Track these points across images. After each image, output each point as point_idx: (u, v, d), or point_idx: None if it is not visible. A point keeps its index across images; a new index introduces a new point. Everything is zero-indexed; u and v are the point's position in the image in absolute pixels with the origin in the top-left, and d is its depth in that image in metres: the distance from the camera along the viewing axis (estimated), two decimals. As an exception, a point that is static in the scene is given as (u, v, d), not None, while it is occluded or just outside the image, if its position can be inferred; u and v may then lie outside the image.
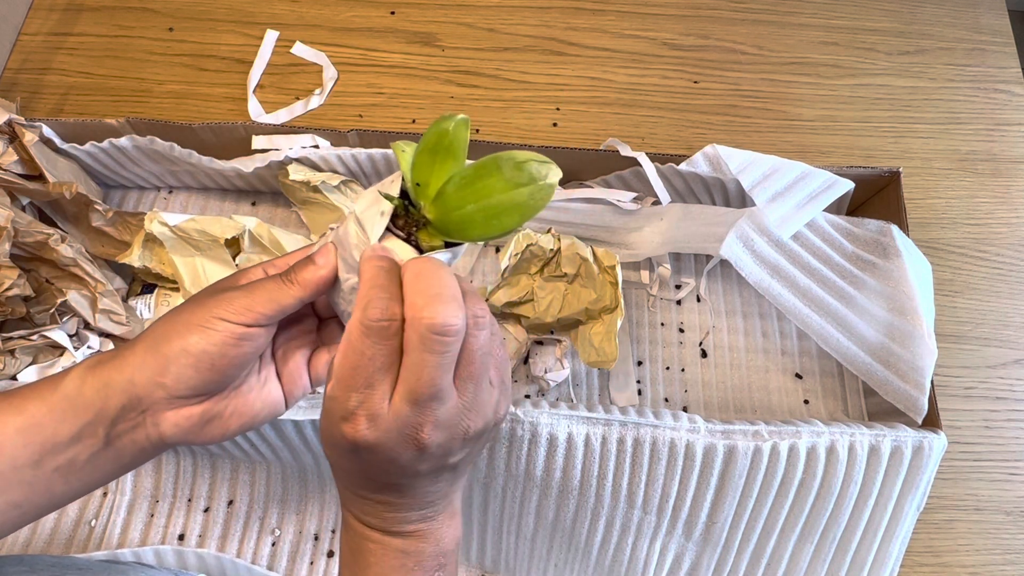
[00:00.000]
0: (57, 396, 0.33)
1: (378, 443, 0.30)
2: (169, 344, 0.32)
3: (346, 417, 0.30)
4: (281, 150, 0.66)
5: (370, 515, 0.34)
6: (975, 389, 0.68)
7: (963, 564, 0.63)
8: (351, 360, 0.30)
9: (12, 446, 0.32)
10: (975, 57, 0.84)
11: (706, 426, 0.53)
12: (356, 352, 0.30)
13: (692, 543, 0.56)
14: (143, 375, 0.32)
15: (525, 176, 0.29)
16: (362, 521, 0.35)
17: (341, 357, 0.30)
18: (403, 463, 0.31)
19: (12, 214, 0.59)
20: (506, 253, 0.62)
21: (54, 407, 0.32)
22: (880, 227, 0.64)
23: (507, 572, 0.61)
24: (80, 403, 0.32)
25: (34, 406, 0.32)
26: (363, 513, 0.34)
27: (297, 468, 0.60)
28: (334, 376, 0.30)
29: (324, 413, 0.32)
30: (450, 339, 0.29)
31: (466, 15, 0.84)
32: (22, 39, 0.82)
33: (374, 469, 0.32)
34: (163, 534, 0.61)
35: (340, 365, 0.30)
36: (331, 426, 0.31)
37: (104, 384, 0.33)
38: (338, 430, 0.30)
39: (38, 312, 0.62)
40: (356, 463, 0.32)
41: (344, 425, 0.30)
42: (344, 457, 0.32)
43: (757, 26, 0.85)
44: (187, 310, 0.33)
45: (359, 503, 0.34)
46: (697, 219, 0.65)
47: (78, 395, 0.33)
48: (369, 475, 0.32)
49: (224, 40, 0.82)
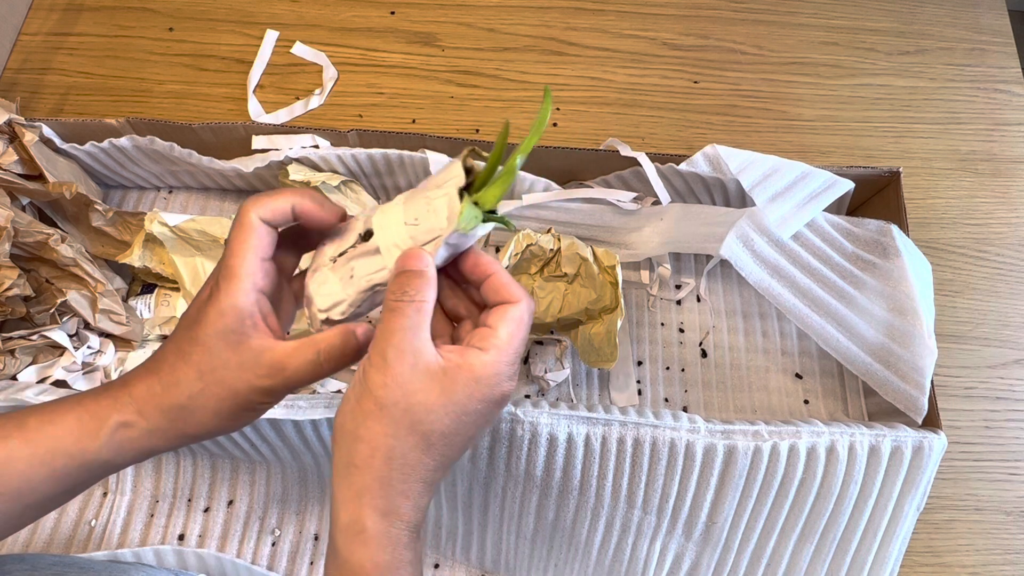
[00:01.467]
0: (91, 459, 0.34)
1: (511, 393, 0.35)
2: (208, 429, 0.35)
3: (510, 376, 0.34)
4: (281, 150, 0.66)
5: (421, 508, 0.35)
6: (975, 389, 0.68)
7: (963, 564, 0.63)
8: (522, 334, 0.35)
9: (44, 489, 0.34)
10: (975, 57, 0.84)
11: (706, 426, 0.53)
12: (525, 328, 0.35)
13: (692, 543, 0.56)
14: (187, 442, 0.35)
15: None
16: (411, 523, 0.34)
17: (516, 332, 0.34)
18: (504, 408, 0.37)
19: (12, 214, 0.59)
20: (506, 253, 0.62)
21: (89, 466, 0.34)
22: (880, 227, 0.64)
23: (507, 572, 0.61)
24: (117, 463, 0.35)
25: (65, 462, 0.34)
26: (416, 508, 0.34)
27: (297, 468, 0.60)
28: (498, 343, 0.34)
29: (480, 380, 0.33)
30: None
31: (466, 15, 0.84)
32: (22, 39, 0.82)
33: (486, 425, 0.35)
34: (163, 534, 0.61)
35: (514, 337, 0.34)
36: (491, 388, 0.33)
37: (145, 453, 0.35)
38: (500, 389, 0.34)
39: (38, 312, 0.62)
40: (483, 423, 0.35)
41: (507, 383, 0.34)
42: (476, 420, 0.34)
43: (757, 26, 0.85)
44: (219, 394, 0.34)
45: (421, 492, 0.34)
46: (697, 219, 0.65)
47: (116, 458, 0.35)
48: (474, 436, 0.35)
49: (224, 40, 0.82)
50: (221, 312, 0.34)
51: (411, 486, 0.33)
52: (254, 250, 0.34)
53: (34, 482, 0.33)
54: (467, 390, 0.33)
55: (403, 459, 0.33)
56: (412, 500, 0.34)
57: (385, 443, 0.33)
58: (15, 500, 0.33)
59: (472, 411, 0.33)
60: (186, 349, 0.34)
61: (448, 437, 0.33)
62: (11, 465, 0.33)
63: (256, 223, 0.35)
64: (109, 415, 0.34)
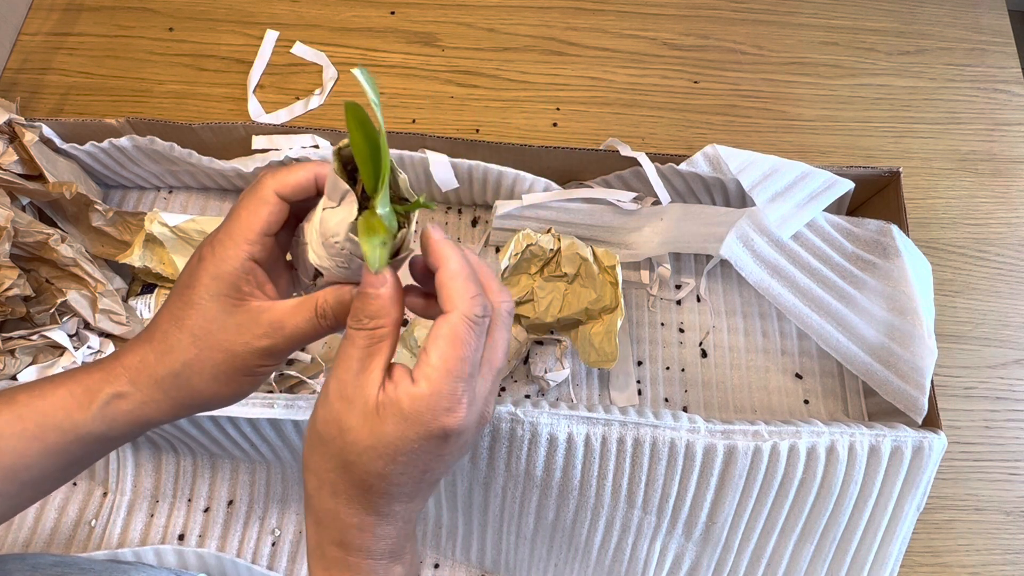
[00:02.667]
0: (84, 432, 0.33)
1: (467, 427, 0.31)
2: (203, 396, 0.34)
3: (451, 408, 0.30)
4: (281, 150, 0.66)
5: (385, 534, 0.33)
6: (975, 389, 0.68)
7: (963, 564, 0.63)
8: (459, 353, 0.30)
9: (40, 465, 0.33)
10: (975, 57, 0.84)
11: (706, 426, 0.53)
12: (464, 345, 0.30)
13: (692, 543, 0.56)
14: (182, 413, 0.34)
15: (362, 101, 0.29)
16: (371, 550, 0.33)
17: (450, 352, 0.30)
18: (465, 440, 0.32)
19: (12, 214, 0.59)
20: (506, 253, 0.62)
21: (82, 440, 0.34)
22: (880, 227, 0.64)
23: (507, 572, 0.61)
24: (111, 437, 0.34)
25: (57, 436, 0.33)
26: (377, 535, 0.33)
27: (297, 468, 0.60)
28: (429, 371, 0.30)
29: (406, 416, 0.30)
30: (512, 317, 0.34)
31: (466, 15, 0.84)
32: (22, 39, 0.82)
33: (441, 462, 0.32)
34: (163, 534, 0.61)
35: (442, 358, 0.30)
36: (422, 425, 0.30)
37: (138, 425, 0.34)
38: (437, 424, 0.30)
39: (38, 312, 0.62)
40: (428, 459, 0.31)
41: (448, 417, 0.30)
42: (418, 455, 0.31)
43: (757, 26, 0.85)
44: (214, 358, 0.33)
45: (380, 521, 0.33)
46: (697, 219, 0.65)
47: (109, 431, 0.34)
48: (428, 471, 0.32)
49: (224, 40, 0.82)
50: (215, 275, 0.32)
51: (364, 519, 0.32)
52: (259, 222, 0.33)
53: (28, 458, 0.33)
54: (397, 430, 0.30)
55: (347, 495, 0.32)
56: (368, 531, 0.32)
57: (328, 478, 0.32)
58: (10, 478, 0.33)
59: (408, 451, 0.30)
60: (179, 314, 0.33)
61: (387, 477, 0.31)
62: (3, 441, 0.32)
63: (270, 198, 0.33)
64: (101, 387, 0.33)
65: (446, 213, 0.73)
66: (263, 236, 0.33)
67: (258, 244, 0.33)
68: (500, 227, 0.68)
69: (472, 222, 0.73)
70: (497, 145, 0.65)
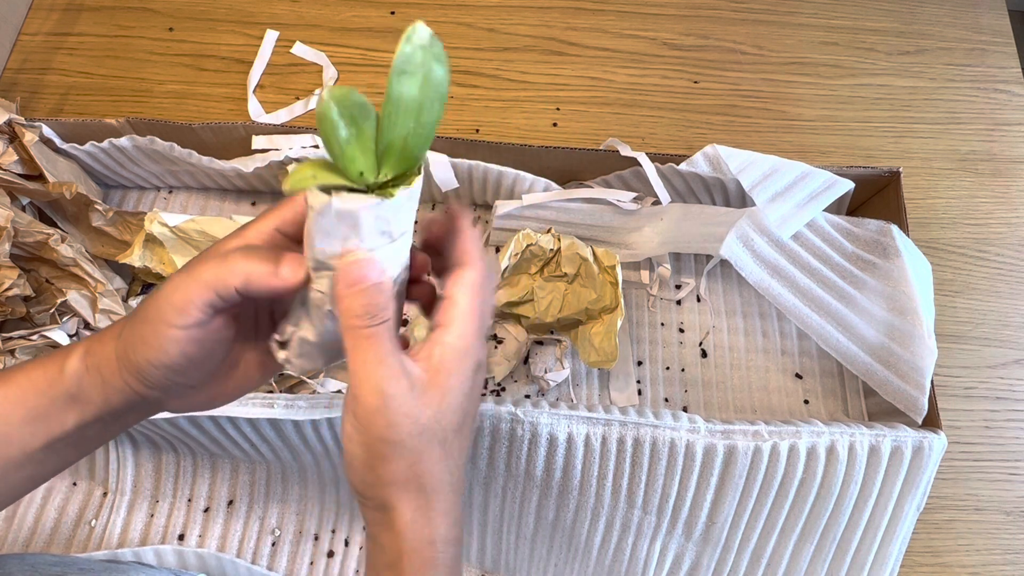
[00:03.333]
0: (58, 391, 0.33)
1: (485, 355, 0.35)
2: (136, 355, 0.32)
3: (481, 345, 0.33)
4: (281, 150, 0.66)
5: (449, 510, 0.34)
6: (975, 389, 0.68)
7: (963, 564, 0.63)
8: (479, 303, 0.33)
9: (20, 435, 0.33)
10: (975, 57, 0.84)
11: (706, 426, 0.53)
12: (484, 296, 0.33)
13: (692, 543, 0.56)
14: (132, 380, 0.32)
15: (416, 56, 0.28)
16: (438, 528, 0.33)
17: (475, 303, 0.33)
18: (483, 377, 0.36)
19: (12, 214, 0.59)
20: (506, 253, 0.62)
21: (56, 400, 0.33)
22: (880, 227, 0.64)
23: (507, 572, 0.61)
24: (82, 399, 0.33)
25: (36, 399, 0.33)
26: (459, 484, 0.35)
27: (297, 468, 0.60)
28: (468, 316, 0.32)
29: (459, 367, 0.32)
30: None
31: (466, 15, 0.84)
32: (22, 39, 0.82)
33: (476, 392, 0.34)
34: (163, 534, 0.61)
35: (473, 303, 0.33)
36: (468, 364, 0.33)
37: (102, 381, 0.33)
38: (473, 360, 0.33)
39: (38, 312, 0.62)
40: (475, 393, 0.34)
41: (481, 352, 0.33)
42: (472, 395, 0.33)
43: (757, 26, 0.85)
44: (150, 307, 0.31)
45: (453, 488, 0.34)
46: (697, 219, 0.65)
47: (79, 392, 0.33)
48: (469, 413, 0.34)
49: (224, 40, 0.82)
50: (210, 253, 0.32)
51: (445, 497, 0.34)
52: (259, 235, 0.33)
53: (12, 423, 0.32)
54: (454, 382, 0.32)
55: (441, 466, 0.33)
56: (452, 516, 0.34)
57: (413, 471, 0.32)
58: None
59: (465, 393, 0.33)
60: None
61: (462, 431, 0.34)
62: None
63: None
64: (74, 350, 0.33)
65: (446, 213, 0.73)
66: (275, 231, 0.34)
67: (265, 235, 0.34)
68: (500, 227, 0.68)
69: (472, 222, 0.73)
70: (497, 145, 0.65)
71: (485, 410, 0.52)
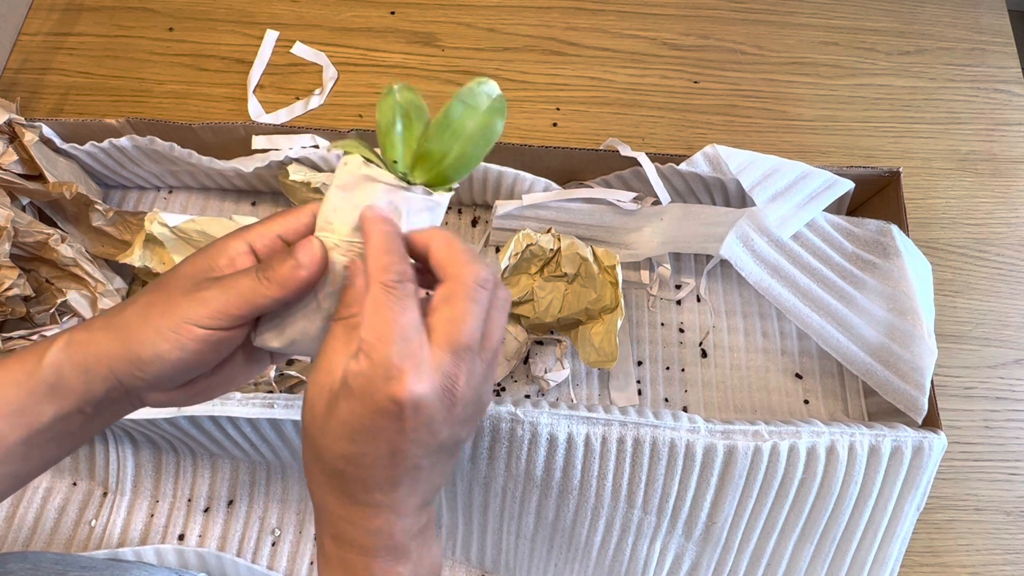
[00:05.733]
0: (36, 380, 0.32)
1: (424, 396, 0.29)
2: (142, 346, 0.31)
3: (391, 376, 0.29)
4: (281, 150, 0.66)
5: (375, 528, 0.32)
6: (975, 389, 0.68)
7: (963, 564, 0.63)
8: (382, 318, 0.30)
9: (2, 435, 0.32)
10: (975, 57, 0.84)
11: (706, 426, 0.53)
12: (386, 309, 0.30)
13: (692, 543, 0.56)
14: (122, 367, 0.32)
15: (482, 99, 0.32)
16: (364, 545, 0.32)
17: (369, 322, 0.30)
18: (437, 424, 0.30)
19: (12, 214, 0.59)
20: (506, 253, 0.62)
21: (35, 391, 0.32)
22: (880, 227, 0.64)
23: (507, 572, 0.61)
24: (62, 389, 0.32)
25: (12, 391, 0.32)
26: (367, 528, 0.32)
27: (297, 468, 0.60)
28: (365, 345, 0.29)
29: (353, 392, 0.29)
30: (488, 291, 0.31)
31: (466, 15, 0.84)
32: (22, 39, 0.82)
33: (406, 442, 0.30)
34: (163, 534, 0.61)
35: (370, 328, 0.30)
36: (369, 398, 0.29)
37: (84, 370, 0.32)
38: (382, 395, 0.29)
39: (38, 312, 0.62)
40: (387, 438, 0.30)
41: (392, 386, 0.29)
42: (375, 434, 0.30)
43: (757, 26, 0.85)
44: (159, 305, 0.32)
45: (365, 512, 0.32)
46: (697, 219, 0.65)
47: (58, 380, 0.32)
48: (396, 452, 0.30)
49: (224, 40, 0.82)
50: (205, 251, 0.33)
51: (349, 510, 0.32)
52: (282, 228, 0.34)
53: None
54: (348, 406, 0.30)
55: (328, 484, 0.32)
56: (357, 524, 0.32)
57: (311, 468, 0.33)
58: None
59: (362, 428, 0.30)
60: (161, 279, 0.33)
61: (352, 459, 0.31)
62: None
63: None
64: (54, 340, 0.33)
65: (446, 213, 0.73)
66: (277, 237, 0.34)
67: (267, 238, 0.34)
68: (500, 227, 0.68)
69: (472, 222, 0.73)
70: (497, 145, 0.65)
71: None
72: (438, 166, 0.32)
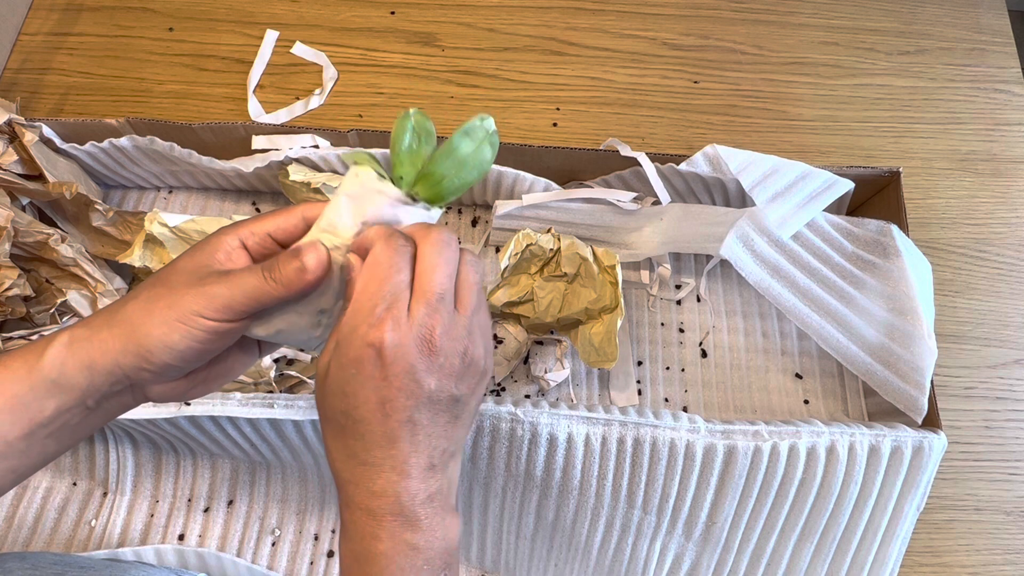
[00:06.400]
0: (38, 377, 0.33)
1: (400, 344, 0.32)
2: (150, 338, 0.32)
3: (373, 324, 0.32)
4: (281, 150, 0.66)
5: (380, 490, 0.33)
6: (975, 389, 0.68)
7: (963, 564, 0.63)
8: (379, 274, 0.32)
9: (3, 431, 0.32)
10: (975, 57, 0.84)
11: (706, 426, 0.53)
12: (384, 267, 0.32)
13: (692, 543, 0.56)
14: (127, 360, 0.33)
15: (480, 133, 0.36)
16: (370, 508, 0.33)
17: (365, 276, 0.32)
18: (419, 373, 0.32)
19: (12, 214, 0.59)
20: (506, 253, 0.62)
21: (36, 386, 0.33)
22: (880, 227, 0.64)
23: (507, 572, 0.61)
24: (64, 383, 0.33)
25: (14, 387, 0.33)
26: (371, 490, 0.33)
27: (297, 468, 0.60)
28: (359, 291, 0.32)
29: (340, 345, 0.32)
30: (454, 247, 0.34)
31: (466, 15, 0.84)
32: (22, 39, 0.82)
33: (391, 389, 0.32)
34: (163, 534, 0.61)
35: (364, 281, 0.32)
36: (352, 339, 0.32)
37: (87, 365, 0.33)
38: (361, 339, 0.32)
39: (38, 312, 0.62)
40: (373, 386, 0.32)
41: (371, 331, 0.31)
42: (362, 383, 0.32)
43: (757, 26, 0.85)
44: (164, 298, 0.33)
45: (368, 472, 0.33)
46: (697, 219, 0.65)
47: (60, 375, 0.33)
48: (385, 402, 0.32)
49: (224, 40, 0.82)
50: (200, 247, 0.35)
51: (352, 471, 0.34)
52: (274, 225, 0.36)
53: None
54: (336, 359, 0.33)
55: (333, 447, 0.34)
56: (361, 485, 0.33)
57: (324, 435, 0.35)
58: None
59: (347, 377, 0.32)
60: (159, 275, 0.34)
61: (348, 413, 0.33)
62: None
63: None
64: (55, 337, 0.33)
65: (446, 213, 0.73)
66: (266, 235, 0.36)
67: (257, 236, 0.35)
68: (500, 227, 0.68)
69: (472, 222, 0.73)
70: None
71: (485, 410, 0.52)
72: (438, 186, 0.36)
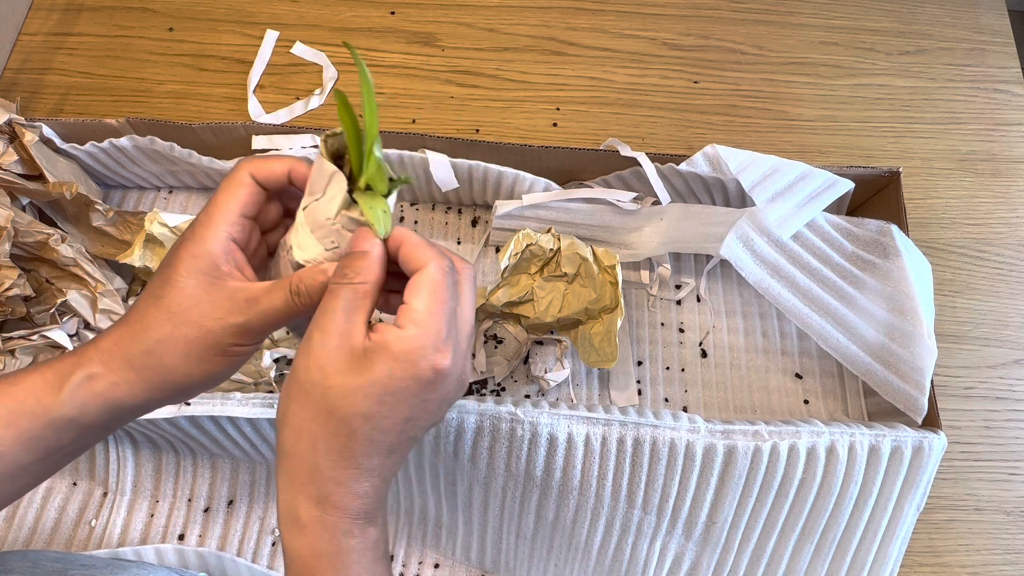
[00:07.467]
0: (54, 415, 0.33)
1: (451, 374, 0.33)
2: (190, 378, 0.34)
3: (439, 349, 0.32)
4: (281, 150, 0.66)
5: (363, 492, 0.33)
6: (975, 389, 0.68)
7: (963, 564, 0.63)
8: (440, 297, 0.32)
9: (14, 454, 0.33)
10: (975, 57, 0.84)
11: (706, 426, 0.53)
12: (443, 290, 0.32)
13: (692, 543, 0.56)
14: (162, 396, 0.34)
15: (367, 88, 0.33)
16: (349, 507, 0.33)
17: (432, 298, 0.32)
18: (448, 403, 0.34)
19: (12, 214, 0.59)
20: (506, 253, 0.62)
21: (53, 423, 0.33)
22: (880, 227, 0.64)
23: (507, 572, 0.61)
24: (85, 421, 0.33)
25: (28, 423, 0.33)
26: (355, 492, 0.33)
27: (297, 468, 0.60)
28: (417, 315, 0.32)
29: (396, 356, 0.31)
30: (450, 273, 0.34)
31: (466, 15, 0.84)
32: (22, 39, 0.82)
33: (422, 410, 0.33)
34: (163, 534, 0.61)
35: (431, 304, 0.32)
36: (413, 364, 0.31)
37: (112, 407, 0.33)
38: (427, 363, 0.31)
39: (38, 312, 0.62)
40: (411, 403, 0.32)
41: (438, 357, 0.32)
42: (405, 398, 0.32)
43: (757, 26, 0.85)
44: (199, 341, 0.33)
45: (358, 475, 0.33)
46: (697, 219, 0.65)
47: (81, 414, 0.33)
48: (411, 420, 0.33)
49: (224, 40, 0.82)
50: (195, 255, 0.34)
51: (342, 472, 0.32)
52: (238, 204, 0.35)
53: (3, 445, 0.32)
54: (385, 368, 0.31)
55: (327, 444, 0.32)
56: (346, 486, 0.32)
57: (307, 428, 0.32)
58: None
59: (395, 390, 0.31)
60: (158, 293, 0.33)
61: (372, 420, 0.32)
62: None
63: (246, 180, 0.35)
64: (72, 370, 0.33)
65: (446, 213, 0.73)
66: (241, 217, 0.35)
67: (236, 224, 0.35)
68: (500, 227, 0.68)
69: (472, 222, 0.73)
70: (497, 145, 0.65)
71: (485, 410, 0.52)
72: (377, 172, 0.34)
